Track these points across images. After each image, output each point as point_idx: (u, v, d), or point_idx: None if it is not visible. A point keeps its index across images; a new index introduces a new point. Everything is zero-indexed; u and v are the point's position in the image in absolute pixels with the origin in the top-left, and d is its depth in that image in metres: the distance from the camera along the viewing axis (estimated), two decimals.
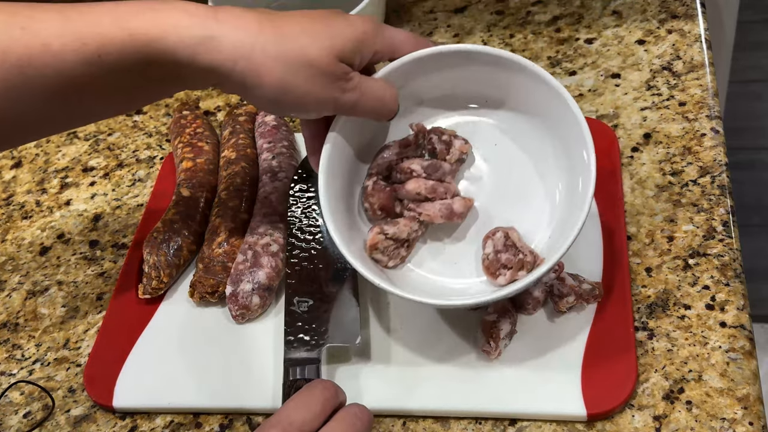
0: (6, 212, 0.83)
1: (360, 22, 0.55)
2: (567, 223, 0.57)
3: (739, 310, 0.59)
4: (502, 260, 0.57)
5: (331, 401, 0.50)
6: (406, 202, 0.60)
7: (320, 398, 0.50)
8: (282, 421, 0.48)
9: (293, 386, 0.57)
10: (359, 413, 0.50)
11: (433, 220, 0.59)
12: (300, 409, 0.49)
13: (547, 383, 0.57)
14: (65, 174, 0.85)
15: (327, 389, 0.51)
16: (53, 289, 0.74)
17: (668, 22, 0.79)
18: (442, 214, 0.59)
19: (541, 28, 0.84)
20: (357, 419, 0.50)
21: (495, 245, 0.58)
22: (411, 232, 0.60)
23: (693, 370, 0.57)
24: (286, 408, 0.49)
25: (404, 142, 0.61)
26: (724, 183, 0.66)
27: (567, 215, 0.58)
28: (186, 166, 0.75)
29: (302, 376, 0.58)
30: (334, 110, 0.56)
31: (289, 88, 0.53)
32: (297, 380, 0.58)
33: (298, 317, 0.61)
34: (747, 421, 0.53)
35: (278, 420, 0.48)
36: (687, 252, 0.63)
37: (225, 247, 0.68)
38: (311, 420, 0.48)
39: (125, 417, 0.63)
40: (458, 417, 0.58)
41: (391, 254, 0.60)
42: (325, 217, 0.57)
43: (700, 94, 0.73)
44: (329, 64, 0.53)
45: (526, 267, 0.57)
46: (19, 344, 0.71)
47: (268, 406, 0.61)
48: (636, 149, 0.70)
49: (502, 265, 0.57)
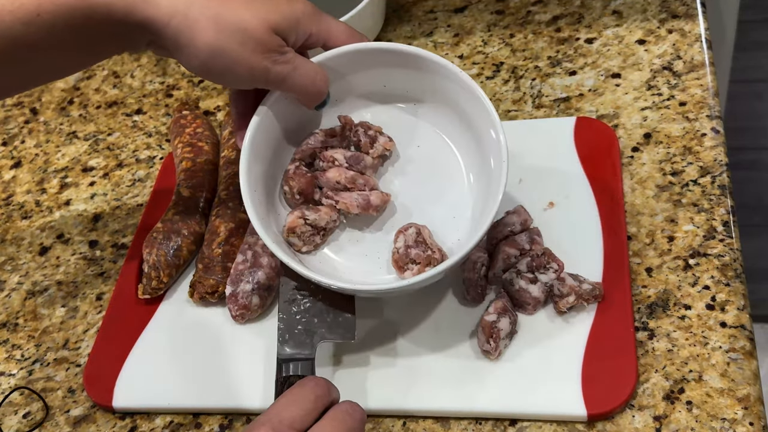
0: (6, 212, 0.83)
1: (300, 3, 0.57)
2: (484, 212, 0.58)
3: (740, 311, 0.59)
4: (411, 255, 0.58)
5: (323, 398, 0.50)
6: (325, 189, 0.62)
7: (312, 395, 0.49)
8: (272, 419, 0.47)
9: (286, 383, 0.57)
10: (351, 410, 0.49)
11: (349, 210, 0.61)
12: (291, 407, 0.48)
13: (547, 383, 0.57)
14: (65, 174, 0.85)
15: (319, 386, 0.50)
16: (53, 289, 0.74)
17: (669, 21, 0.79)
18: (359, 204, 0.61)
19: (542, 28, 0.84)
20: (348, 416, 0.49)
21: (406, 240, 0.59)
22: (330, 221, 0.61)
23: (693, 370, 0.56)
24: (276, 405, 0.49)
25: (330, 131, 0.63)
26: (724, 183, 0.66)
27: (484, 204, 0.59)
28: (186, 166, 0.75)
29: (295, 373, 0.57)
30: (264, 82, 0.56)
31: (222, 51, 0.53)
32: (290, 377, 0.57)
33: (293, 313, 0.61)
34: (747, 422, 0.53)
35: (268, 418, 0.47)
36: (687, 252, 0.63)
37: (225, 247, 0.68)
38: (302, 417, 0.48)
39: (125, 417, 0.63)
40: (458, 417, 0.58)
41: (307, 240, 0.61)
42: (244, 195, 0.57)
43: (700, 93, 0.72)
44: (264, 33, 0.54)
45: (433, 263, 0.58)
46: (18, 344, 0.71)
47: (268, 406, 0.60)
48: (636, 149, 0.70)
49: (411, 260, 0.58)
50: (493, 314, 0.59)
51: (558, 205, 0.67)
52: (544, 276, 0.60)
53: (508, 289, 0.61)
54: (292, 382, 0.56)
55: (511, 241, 0.63)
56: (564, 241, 0.64)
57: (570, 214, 0.66)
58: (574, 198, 0.67)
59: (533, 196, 0.68)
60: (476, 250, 0.63)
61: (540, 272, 0.61)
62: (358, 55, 0.60)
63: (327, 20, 0.58)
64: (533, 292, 0.60)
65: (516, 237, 0.63)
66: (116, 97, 0.92)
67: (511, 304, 0.61)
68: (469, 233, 0.60)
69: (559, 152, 0.70)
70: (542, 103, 0.77)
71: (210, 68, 0.55)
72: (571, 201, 0.67)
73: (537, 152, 0.71)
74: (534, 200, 0.67)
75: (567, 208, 0.66)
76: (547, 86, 0.78)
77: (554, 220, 0.66)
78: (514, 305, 0.61)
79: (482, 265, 0.62)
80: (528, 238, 0.63)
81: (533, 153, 0.71)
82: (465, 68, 0.83)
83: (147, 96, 0.91)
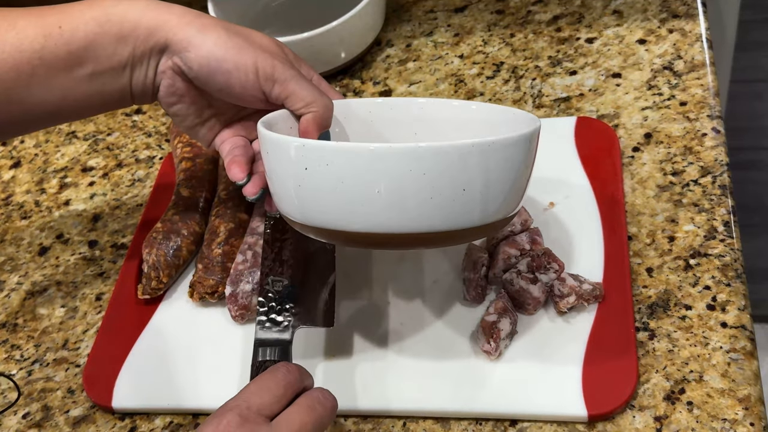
0: (5, 212, 0.83)
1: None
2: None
3: (740, 311, 0.58)
4: None
5: (294, 385, 0.49)
6: None
7: (283, 381, 0.49)
8: (240, 405, 0.47)
9: (261, 367, 0.56)
10: (322, 398, 0.49)
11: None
12: (260, 393, 0.47)
13: (547, 384, 0.57)
14: (64, 174, 0.85)
15: (290, 372, 0.49)
16: (52, 289, 0.74)
17: (669, 21, 0.79)
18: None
19: (542, 28, 0.84)
20: (318, 404, 0.48)
21: None
22: None
23: (694, 370, 0.56)
24: (246, 391, 0.48)
25: None
26: (725, 183, 0.66)
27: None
28: (185, 166, 0.75)
29: (271, 358, 0.56)
30: (270, 80, 0.57)
31: (233, 45, 0.56)
32: (266, 362, 0.56)
33: (272, 298, 0.60)
34: (748, 422, 0.53)
35: (236, 403, 0.47)
36: (688, 252, 0.62)
37: (224, 247, 0.68)
38: (271, 404, 0.47)
39: (124, 418, 0.63)
40: (458, 418, 0.58)
41: None
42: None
43: (701, 93, 0.72)
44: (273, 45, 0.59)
45: None
46: (18, 345, 0.70)
47: None
48: (637, 149, 0.70)
49: None
50: (494, 314, 0.59)
51: (558, 205, 0.67)
52: (545, 276, 0.60)
53: (509, 289, 0.61)
54: (267, 366, 0.54)
55: (512, 241, 0.63)
56: (564, 242, 0.64)
57: (570, 214, 0.66)
58: (575, 198, 0.67)
59: (533, 196, 0.68)
60: (477, 251, 0.63)
61: (540, 272, 0.60)
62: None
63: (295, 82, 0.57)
64: (533, 292, 0.60)
65: (516, 237, 0.63)
66: None
67: (512, 304, 0.60)
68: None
69: (560, 152, 0.70)
70: (542, 103, 0.77)
71: (219, 62, 0.56)
72: (572, 201, 0.67)
73: (537, 152, 0.70)
74: (534, 200, 0.67)
75: (567, 208, 0.66)
76: (548, 86, 0.78)
77: (554, 220, 0.66)
78: (515, 305, 0.61)
79: (483, 265, 0.62)
80: (528, 238, 0.63)
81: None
82: (465, 68, 0.83)
83: None
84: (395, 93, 0.82)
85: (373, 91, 0.83)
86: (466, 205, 0.50)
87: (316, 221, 0.52)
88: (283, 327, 0.58)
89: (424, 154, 0.48)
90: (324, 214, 0.51)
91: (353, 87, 0.84)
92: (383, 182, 0.48)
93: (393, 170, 0.48)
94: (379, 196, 0.49)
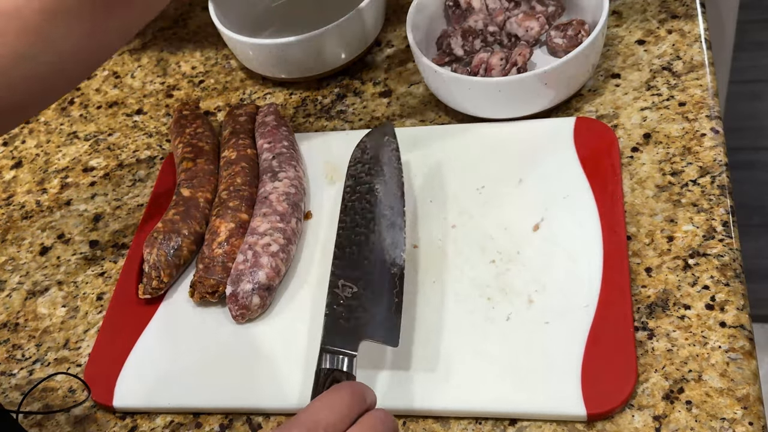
0: (6, 212, 0.83)
1: None
2: None
3: (739, 310, 0.59)
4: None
5: (359, 405, 0.49)
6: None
7: (348, 400, 0.49)
8: (307, 421, 0.47)
9: (328, 377, 0.55)
10: (384, 419, 0.49)
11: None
12: (326, 410, 0.48)
13: (546, 383, 0.57)
14: (65, 174, 0.85)
15: (355, 392, 0.50)
16: (53, 289, 0.74)
17: (668, 22, 0.79)
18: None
19: None
20: (381, 424, 0.49)
21: None
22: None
23: (693, 370, 0.57)
24: (312, 408, 0.48)
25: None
26: (724, 183, 0.66)
27: None
28: (186, 166, 0.75)
29: (333, 366, 0.55)
30: None
31: None
32: (333, 371, 0.55)
33: (341, 303, 0.58)
34: (747, 421, 0.53)
35: (303, 420, 0.47)
36: (687, 252, 0.63)
37: (225, 247, 0.68)
38: (335, 422, 0.47)
39: (125, 417, 0.63)
40: (458, 417, 0.58)
41: None
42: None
43: (700, 94, 0.73)
44: None
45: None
46: (19, 344, 0.71)
47: (268, 406, 0.61)
48: (636, 149, 0.70)
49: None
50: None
51: (558, 205, 0.67)
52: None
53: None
54: (336, 377, 0.55)
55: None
56: (564, 241, 0.64)
57: (570, 214, 0.66)
58: (574, 198, 0.67)
59: (533, 196, 0.68)
60: None
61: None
62: None
63: None
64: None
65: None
66: (117, 97, 0.92)
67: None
68: None
69: (559, 152, 0.70)
70: None
71: None
72: (571, 201, 0.67)
73: (537, 152, 0.71)
74: (535, 200, 0.67)
75: (567, 208, 0.66)
76: None
77: (554, 220, 0.66)
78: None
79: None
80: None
81: (533, 153, 0.71)
82: None
83: (147, 96, 0.91)
84: (395, 93, 0.82)
85: (373, 91, 0.83)
86: None
87: None
88: (350, 336, 0.57)
89: None
90: None
91: (353, 87, 0.84)
92: None
93: None
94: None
